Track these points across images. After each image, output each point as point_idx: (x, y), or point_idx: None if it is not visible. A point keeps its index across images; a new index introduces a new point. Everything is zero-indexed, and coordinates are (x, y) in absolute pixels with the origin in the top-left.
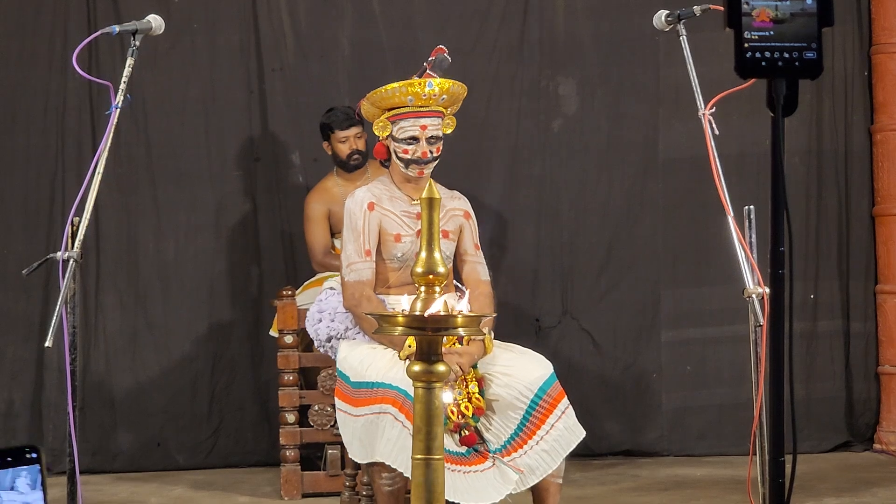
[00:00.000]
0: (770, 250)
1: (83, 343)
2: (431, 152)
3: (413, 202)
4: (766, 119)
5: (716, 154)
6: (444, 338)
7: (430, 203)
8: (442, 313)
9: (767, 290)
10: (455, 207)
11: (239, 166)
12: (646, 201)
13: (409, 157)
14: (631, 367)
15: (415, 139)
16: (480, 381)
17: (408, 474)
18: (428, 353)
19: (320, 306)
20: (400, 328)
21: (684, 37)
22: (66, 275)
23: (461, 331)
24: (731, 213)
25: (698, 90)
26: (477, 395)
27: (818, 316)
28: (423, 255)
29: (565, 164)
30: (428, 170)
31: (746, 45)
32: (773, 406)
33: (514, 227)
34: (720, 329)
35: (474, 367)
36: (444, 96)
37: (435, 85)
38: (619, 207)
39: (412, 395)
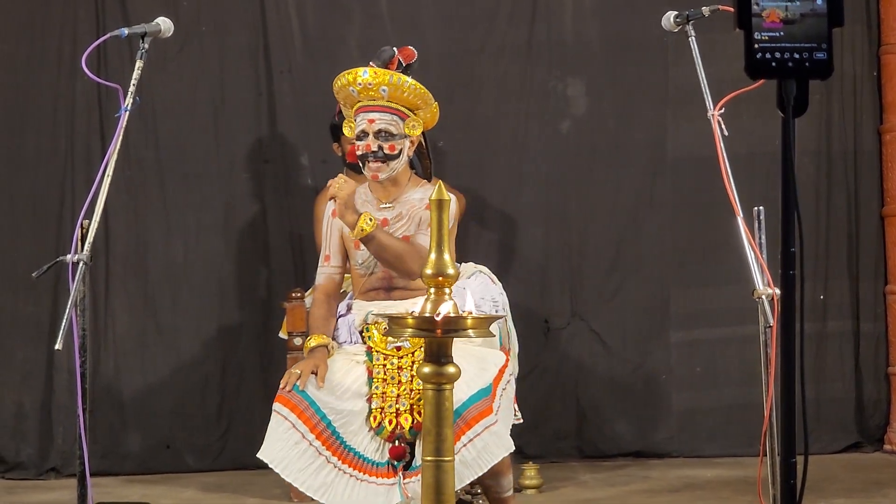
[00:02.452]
0: (781, 251)
1: (92, 345)
2: (382, 148)
3: (382, 206)
4: (775, 119)
5: (725, 155)
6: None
7: (440, 205)
8: (451, 315)
9: (777, 290)
10: (417, 204)
11: (248, 168)
12: (654, 202)
13: (359, 153)
14: (640, 368)
15: (364, 133)
16: None
17: (275, 467)
18: (437, 355)
19: None
20: (409, 330)
21: (693, 38)
22: (76, 277)
23: (471, 333)
24: (741, 214)
25: (707, 91)
26: (419, 409)
27: (828, 317)
28: (433, 256)
29: (573, 165)
30: (383, 172)
31: (756, 45)
32: (784, 407)
33: (522, 228)
34: (729, 330)
35: None
36: (385, 88)
37: (369, 73)
38: (627, 208)
39: (307, 392)
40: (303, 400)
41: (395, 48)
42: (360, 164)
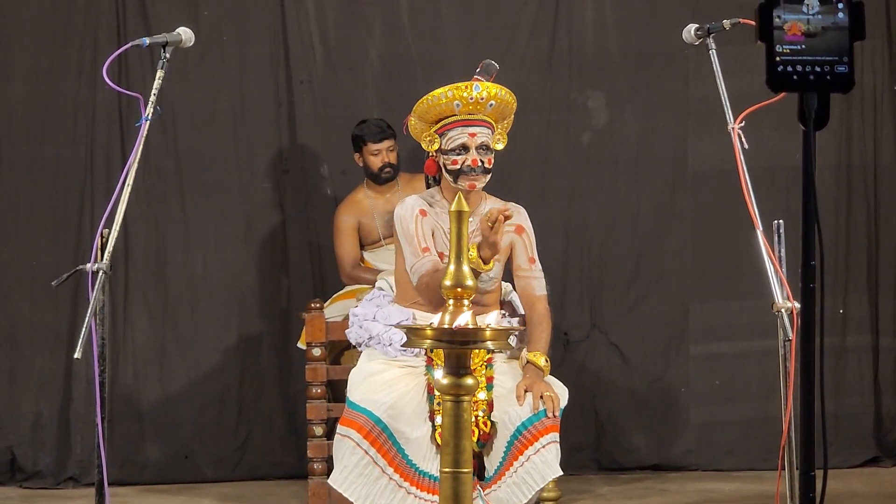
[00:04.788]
0: (801, 264)
1: (111, 354)
2: (482, 162)
3: None
4: (795, 133)
5: (745, 168)
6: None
7: (459, 216)
8: (469, 326)
9: (797, 304)
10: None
11: (268, 178)
12: (675, 215)
13: (458, 167)
14: (659, 381)
15: (464, 147)
16: (490, 404)
17: None
18: (456, 367)
19: (358, 312)
20: (428, 341)
21: (713, 51)
22: (96, 286)
23: (489, 344)
24: (761, 228)
25: (727, 104)
26: (484, 420)
27: (847, 331)
28: (452, 268)
29: (594, 178)
30: (480, 182)
31: (778, 58)
32: (803, 421)
33: (542, 240)
34: (749, 343)
35: (489, 388)
36: (493, 102)
37: (482, 88)
38: (647, 221)
39: (385, 422)
40: (375, 426)
41: (493, 62)
42: (452, 179)
